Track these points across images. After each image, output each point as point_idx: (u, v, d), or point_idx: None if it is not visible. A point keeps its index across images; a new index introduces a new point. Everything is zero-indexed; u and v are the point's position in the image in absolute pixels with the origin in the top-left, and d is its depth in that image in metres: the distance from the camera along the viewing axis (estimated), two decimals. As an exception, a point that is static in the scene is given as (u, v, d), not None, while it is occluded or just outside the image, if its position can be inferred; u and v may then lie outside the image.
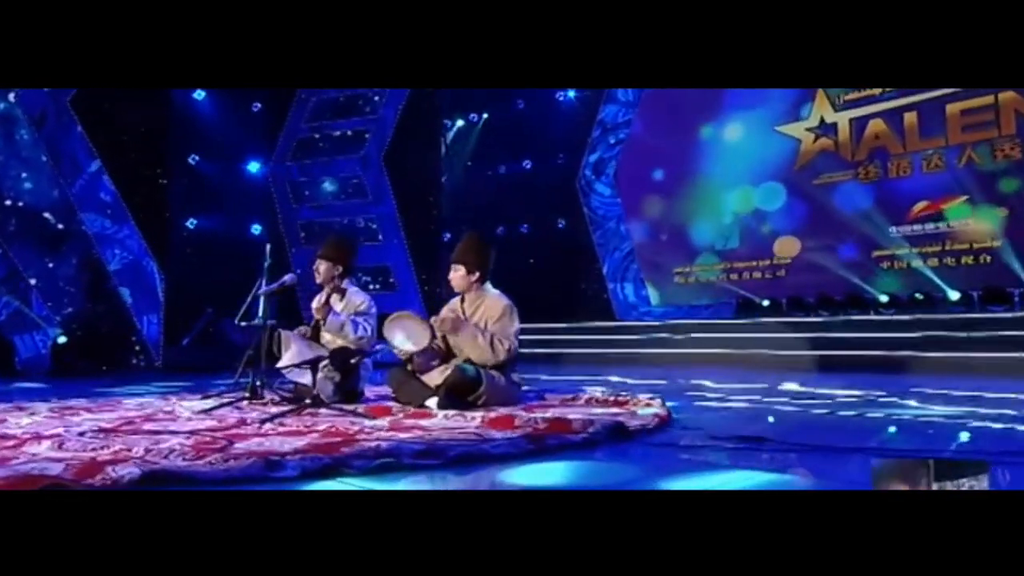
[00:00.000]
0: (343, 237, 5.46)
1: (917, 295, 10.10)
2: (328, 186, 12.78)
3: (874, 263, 10.67)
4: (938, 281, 10.08)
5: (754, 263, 11.80)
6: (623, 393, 5.18)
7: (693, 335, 11.07)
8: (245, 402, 4.75)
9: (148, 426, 3.82)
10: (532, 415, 3.88)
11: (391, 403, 4.69)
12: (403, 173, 12.43)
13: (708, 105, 12.15)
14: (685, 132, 12.28)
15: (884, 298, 10.31)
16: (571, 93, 13.69)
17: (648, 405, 4.48)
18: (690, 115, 12.35)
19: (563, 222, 13.82)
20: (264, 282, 5.03)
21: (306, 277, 5.60)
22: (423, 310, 12.13)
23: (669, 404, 4.60)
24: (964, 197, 9.97)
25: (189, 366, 10.26)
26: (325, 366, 4.54)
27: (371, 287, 12.48)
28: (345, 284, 5.01)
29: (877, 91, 10.73)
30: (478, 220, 13.73)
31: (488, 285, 4.78)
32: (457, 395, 4.30)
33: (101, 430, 3.64)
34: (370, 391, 5.26)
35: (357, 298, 4.99)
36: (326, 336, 4.91)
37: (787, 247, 11.46)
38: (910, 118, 10.47)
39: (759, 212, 11.77)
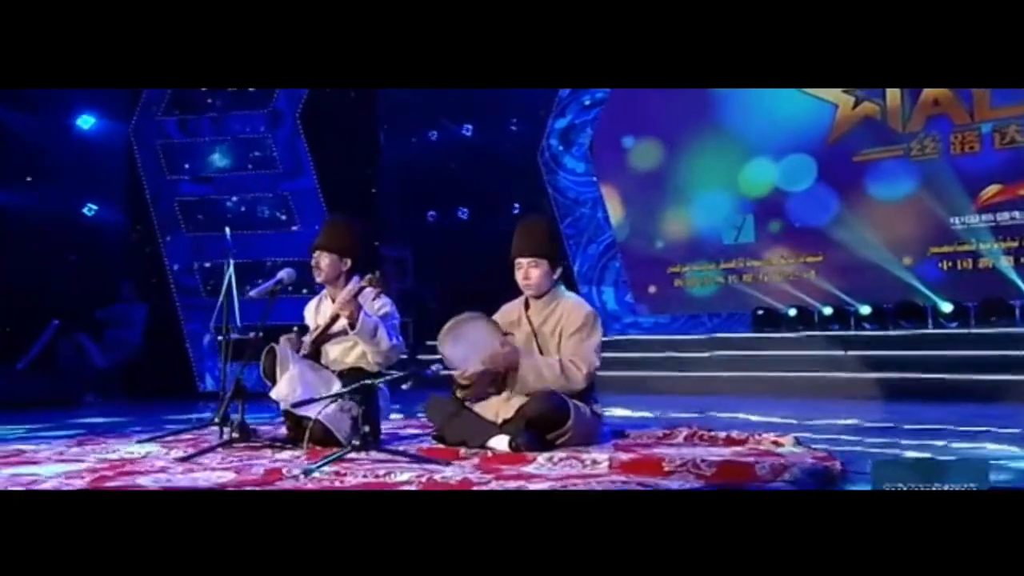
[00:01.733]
0: (348, 222, 4.51)
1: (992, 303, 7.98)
2: (220, 152, 9.81)
3: (932, 262, 8.57)
4: (1021, 283, 8.01)
5: (774, 262, 9.52)
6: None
7: (694, 353, 8.72)
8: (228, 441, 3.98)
9: (138, 481, 3.03)
10: (677, 456, 3.20)
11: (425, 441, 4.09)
12: (327, 136, 9.49)
13: (714, 60, 9.71)
14: (684, 92, 9.76)
15: (947, 307, 8.19)
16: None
17: (777, 443, 3.75)
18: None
19: (518, 207, 11.24)
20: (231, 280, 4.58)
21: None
22: None
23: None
24: None
25: (16, 400, 7.34)
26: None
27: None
28: (353, 283, 4.06)
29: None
30: (408, 201, 11.34)
31: (561, 286, 4.02)
32: (540, 432, 3.63)
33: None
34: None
35: (376, 300, 4.15)
36: (332, 352, 4.13)
37: (819, 241, 9.27)
38: (979, 84, 8.30)
39: (781, 195, 9.56)
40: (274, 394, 3.86)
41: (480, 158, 11.22)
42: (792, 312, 8.95)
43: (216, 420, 4.10)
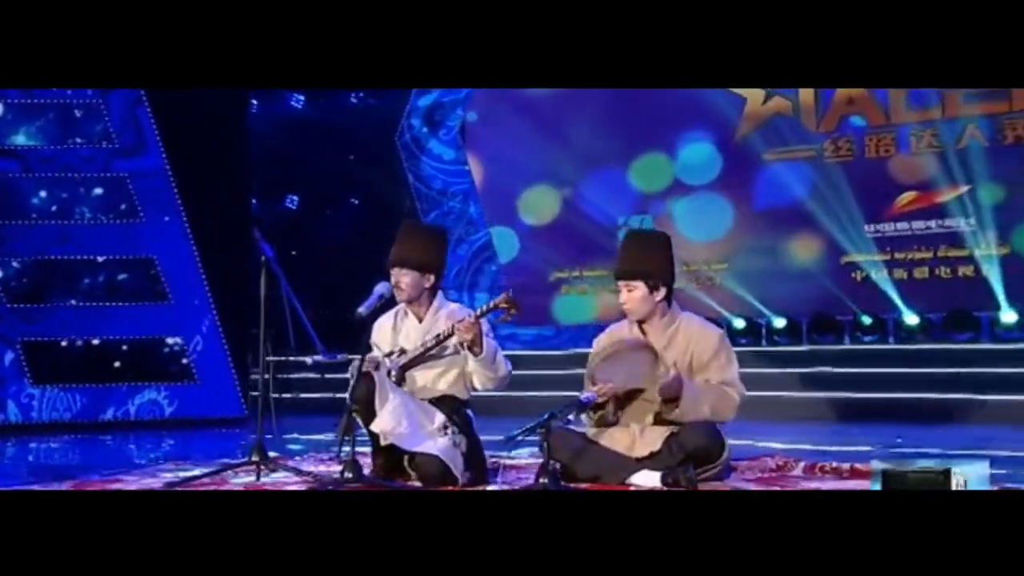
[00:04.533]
0: (429, 229, 4.52)
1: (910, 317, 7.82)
2: (32, 118, 7.88)
3: (844, 272, 8.23)
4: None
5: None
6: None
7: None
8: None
9: None
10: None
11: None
12: (179, 99, 7.54)
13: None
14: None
15: (867, 319, 7.88)
16: None
17: None
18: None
19: (356, 201, 10.17)
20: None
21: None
22: (218, 332, 7.67)
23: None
24: (965, 188, 7.78)
25: None
26: (448, 426, 3.76)
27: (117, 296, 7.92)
28: (439, 300, 4.00)
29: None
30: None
31: (677, 306, 3.81)
32: (697, 465, 3.52)
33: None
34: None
35: (465, 311, 3.97)
36: (420, 379, 3.93)
37: (722, 246, 8.71)
38: (896, 84, 8.10)
39: (682, 189, 8.95)
40: (376, 427, 3.73)
41: (315, 136, 9.78)
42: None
43: (342, 459, 3.74)
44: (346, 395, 3.74)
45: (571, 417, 3.60)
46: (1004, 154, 7.67)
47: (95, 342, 7.86)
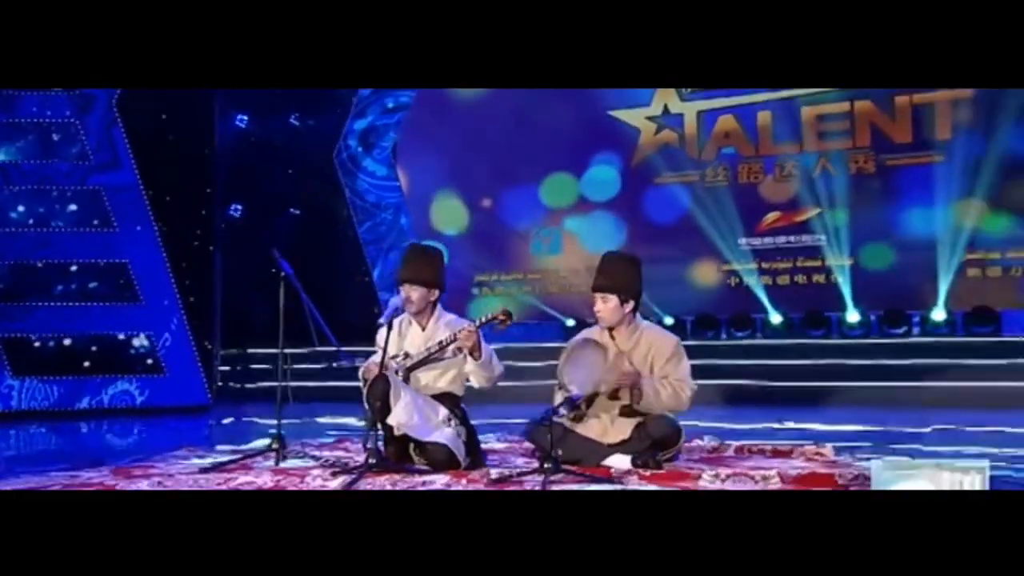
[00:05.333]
0: (432, 252, 4.62)
1: (775, 316, 9.16)
2: (12, 135, 8.34)
3: (723, 278, 9.56)
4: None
5: (582, 274, 9.97)
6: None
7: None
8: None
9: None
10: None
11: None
12: (151, 120, 8.31)
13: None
14: (493, 101, 9.88)
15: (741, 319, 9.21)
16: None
17: (820, 454, 4.38)
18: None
19: (296, 211, 10.75)
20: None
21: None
22: (185, 329, 8.35)
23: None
24: (818, 210, 9.22)
25: None
26: (451, 418, 4.12)
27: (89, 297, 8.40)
28: (439, 311, 4.38)
29: (728, 82, 9.53)
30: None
31: (639, 316, 4.27)
32: (660, 450, 4.01)
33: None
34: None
35: (462, 322, 4.33)
36: (423, 378, 4.28)
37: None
38: (764, 118, 9.49)
39: (586, 205, 10.12)
40: (392, 420, 3.98)
41: (259, 151, 10.48)
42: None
43: (367, 447, 4.03)
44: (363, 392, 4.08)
45: (562, 411, 3.90)
46: (850, 183, 9.07)
47: (70, 340, 8.40)
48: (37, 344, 8.39)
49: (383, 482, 3.74)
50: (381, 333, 4.23)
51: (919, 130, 8.88)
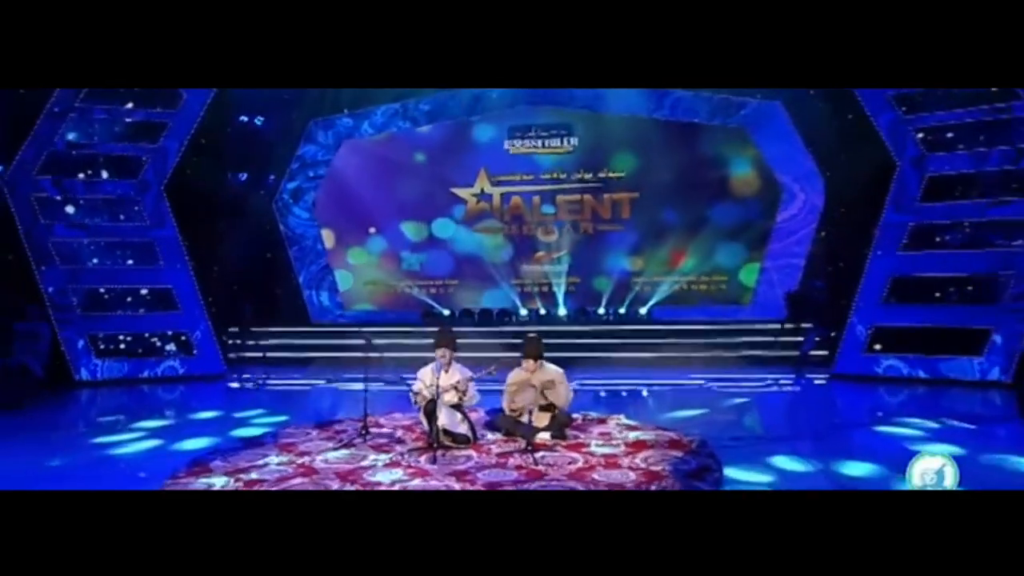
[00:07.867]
0: (452, 331, 7.06)
1: (544, 310, 16.45)
2: (93, 207, 12.71)
3: (515, 287, 16.66)
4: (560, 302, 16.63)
5: (432, 281, 16.81)
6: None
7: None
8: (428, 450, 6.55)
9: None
10: (620, 437, 7.14)
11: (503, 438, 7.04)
12: (188, 199, 12.90)
13: (402, 166, 16.50)
14: (378, 180, 16.43)
15: (524, 311, 16.35)
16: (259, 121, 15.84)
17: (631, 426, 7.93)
18: (381, 166, 16.55)
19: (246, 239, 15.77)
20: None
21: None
22: (208, 327, 13.36)
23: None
24: (564, 252, 16.57)
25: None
26: (462, 419, 6.79)
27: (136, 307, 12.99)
28: (456, 363, 7.00)
29: (517, 176, 16.48)
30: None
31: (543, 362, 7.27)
32: (564, 428, 7.00)
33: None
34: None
35: (467, 372, 6.95)
36: (446, 397, 6.78)
37: (453, 272, 16.76)
38: (536, 200, 16.58)
39: (433, 241, 16.76)
40: (440, 422, 6.55)
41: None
42: (446, 312, 16.38)
43: (433, 443, 6.48)
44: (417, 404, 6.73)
45: (530, 414, 6.83)
46: (580, 238, 16.35)
47: (132, 336, 12.64)
48: (112, 338, 12.47)
49: (435, 455, 6.19)
50: (426, 374, 6.78)
51: (615, 211, 16.32)
